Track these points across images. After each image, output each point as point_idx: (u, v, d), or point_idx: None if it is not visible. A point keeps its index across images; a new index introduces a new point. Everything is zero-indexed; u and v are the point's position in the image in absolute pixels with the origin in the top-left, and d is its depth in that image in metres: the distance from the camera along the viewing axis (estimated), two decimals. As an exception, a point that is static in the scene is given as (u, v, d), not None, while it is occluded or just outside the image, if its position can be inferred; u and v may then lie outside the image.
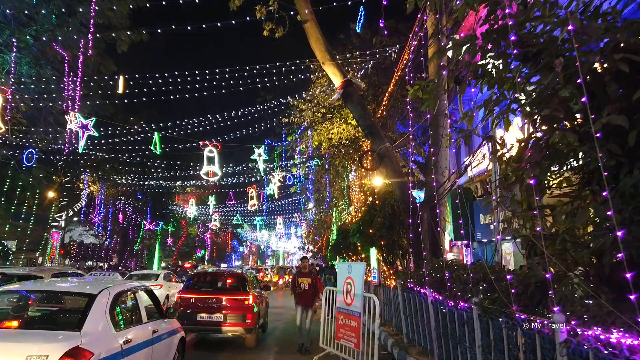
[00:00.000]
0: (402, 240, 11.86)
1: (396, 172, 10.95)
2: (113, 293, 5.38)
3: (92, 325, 4.74)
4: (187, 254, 56.80)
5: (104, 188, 30.66)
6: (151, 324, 6.17)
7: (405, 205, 10.68)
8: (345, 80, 11.23)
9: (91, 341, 4.49)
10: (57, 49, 18.74)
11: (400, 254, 12.22)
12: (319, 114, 22.52)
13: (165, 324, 6.69)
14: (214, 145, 21.55)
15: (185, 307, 10.31)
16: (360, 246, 15.86)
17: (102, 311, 4.99)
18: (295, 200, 42.28)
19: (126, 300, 5.94)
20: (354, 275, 8.10)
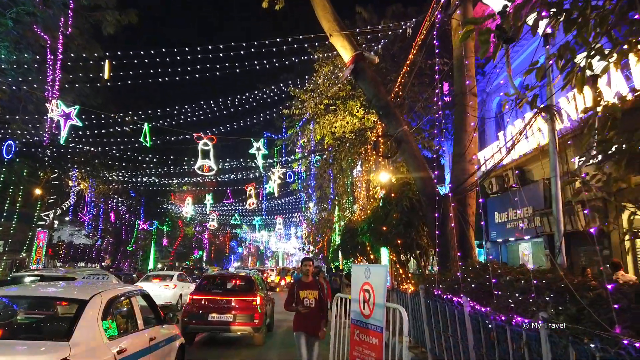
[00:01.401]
0: (422, 239, 10.32)
1: (416, 160, 9.42)
2: (106, 298, 4.94)
3: (82, 335, 4.31)
4: (184, 255, 55.18)
5: (94, 185, 29.06)
6: (148, 331, 5.71)
7: (429, 198, 9.15)
8: (357, 54, 9.71)
9: (81, 352, 4.09)
10: (38, 31, 17.21)
11: (419, 255, 10.69)
12: (322, 106, 21.03)
13: (163, 330, 6.26)
14: (209, 138, 20.10)
15: (197, 308, 10.81)
16: (370, 246, 14.33)
17: (93, 319, 4.57)
18: (295, 199, 40.74)
19: (121, 306, 5.54)
20: (374, 281, 6.59)
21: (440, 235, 8.78)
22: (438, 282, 8.15)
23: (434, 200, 9.05)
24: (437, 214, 8.36)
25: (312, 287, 7.12)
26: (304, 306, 6.90)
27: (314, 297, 7.03)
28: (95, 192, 30.21)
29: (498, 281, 5.92)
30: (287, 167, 27.55)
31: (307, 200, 37.36)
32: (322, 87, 20.44)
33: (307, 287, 7.08)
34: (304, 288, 7.06)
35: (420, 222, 9.95)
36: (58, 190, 27.51)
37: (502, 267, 7.55)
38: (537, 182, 14.86)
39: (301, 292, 7.00)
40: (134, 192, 34.99)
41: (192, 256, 56.84)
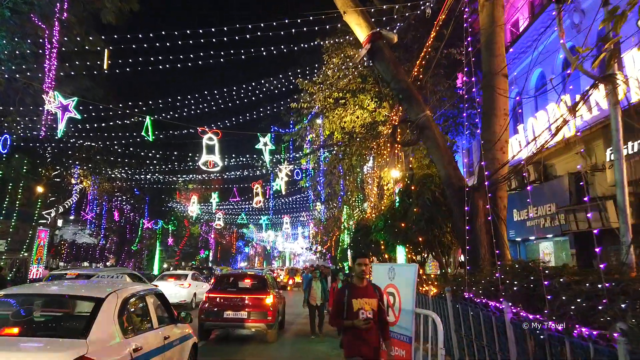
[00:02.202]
0: (446, 236, 9.39)
1: (440, 148, 8.48)
2: (122, 297, 4.95)
3: (99, 332, 4.32)
4: (190, 255, 54.43)
5: (97, 183, 28.31)
6: (162, 330, 5.72)
7: (454, 191, 8.21)
8: (373, 32, 8.80)
9: (98, 349, 4.08)
10: (36, 20, 16.43)
11: (441, 253, 9.75)
12: (331, 99, 20.13)
13: (177, 329, 6.26)
14: (214, 133, 19.25)
15: (213, 306, 11.30)
16: (384, 244, 13.39)
17: (109, 317, 4.58)
18: (303, 197, 39.86)
19: (136, 304, 5.53)
20: (399, 282, 5.70)
21: (469, 232, 7.85)
22: (468, 284, 7.23)
23: (460, 193, 8.11)
24: (467, 207, 7.42)
25: (369, 294, 5.00)
26: (362, 320, 4.80)
27: (371, 307, 4.91)
28: (98, 190, 29.48)
29: (551, 283, 4.98)
30: (294, 163, 26.68)
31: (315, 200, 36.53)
32: (331, 79, 19.53)
33: (362, 294, 4.95)
34: (359, 295, 4.93)
35: (443, 218, 9.01)
36: (59, 188, 26.80)
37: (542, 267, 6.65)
38: (561, 177, 13.91)
39: (354, 302, 4.89)
40: (138, 190, 34.25)
41: (199, 256, 56.09)
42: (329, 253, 42.16)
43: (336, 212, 25.97)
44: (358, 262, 5.17)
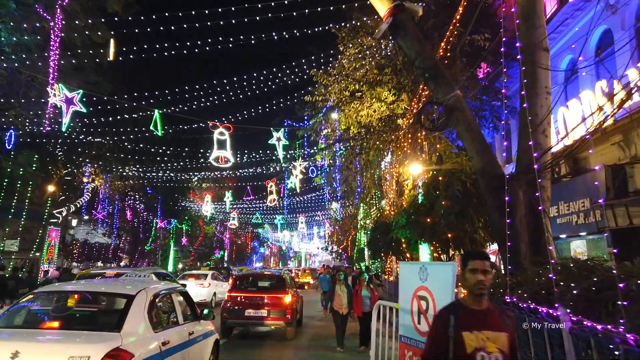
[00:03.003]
0: (478, 232, 8.40)
1: (474, 132, 7.50)
2: (151, 294, 5.28)
3: (132, 326, 4.66)
4: (205, 255, 53.90)
5: (108, 181, 27.78)
6: (187, 326, 6.04)
7: (490, 181, 7.23)
8: (395, 5, 7.85)
9: (131, 342, 4.42)
10: (40, 11, 15.83)
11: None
12: (347, 92, 19.22)
13: (200, 326, 6.57)
14: (225, 127, 18.48)
15: (235, 304, 11.78)
16: (405, 243, 12.43)
17: (140, 312, 4.91)
18: (318, 196, 38.96)
19: (163, 301, 5.85)
20: (433, 285, 4.77)
21: (511, 226, 6.85)
22: (510, 286, 6.25)
23: (497, 182, 7.13)
24: (507, 198, 6.43)
25: (495, 324, 2.87)
26: None
27: (499, 347, 2.78)
28: (110, 189, 28.96)
29: (627, 286, 4.01)
30: (309, 160, 25.79)
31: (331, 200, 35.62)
32: (347, 70, 18.59)
33: (481, 324, 2.83)
34: (475, 326, 2.82)
35: (475, 212, 8.02)
36: (70, 187, 26.32)
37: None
38: (596, 169, 12.82)
39: (468, 337, 2.78)
40: (150, 188, 33.71)
41: (213, 256, 55.52)
42: (345, 253, 41.21)
43: (352, 210, 24.96)
44: (471, 266, 2.92)
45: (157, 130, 16.54)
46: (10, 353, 4.03)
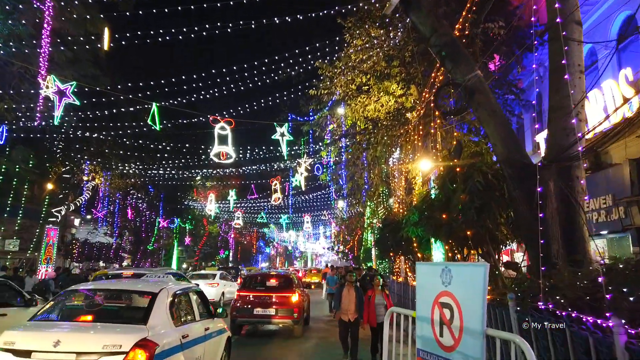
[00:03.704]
0: (500, 229, 7.56)
1: (497, 116, 6.68)
2: (171, 292, 5.88)
3: (156, 320, 5.19)
4: (210, 255, 53.19)
5: (107, 178, 27.07)
6: (203, 322, 6.53)
7: (516, 170, 6.40)
8: (408, -24, 7.06)
9: (156, 334, 4.94)
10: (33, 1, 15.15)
11: (493, 250, 7.90)
12: (354, 86, 18.40)
13: (214, 323, 6.99)
14: (226, 122, 17.76)
15: (244, 303, 12.15)
16: (417, 242, 11.60)
17: (163, 308, 5.47)
18: (324, 195, 38.12)
19: (182, 299, 6.33)
20: (459, 290, 3.94)
21: (543, 222, 6.01)
22: (543, 290, 5.42)
23: (525, 172, 6.31)
24: (540, 188, 5.60)
25: None
26: None
27: None
28: (111, 187, 28.27)
29: None
30: (314, 157, 24.99)
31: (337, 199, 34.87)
32: (353, 61, 17.75)
33: None
34: None
35: (497, 206, 7.18)
36: (70, 185, 25.65)
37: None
38: (619, 164, 11.96)
39: None
40: (152, 187, 33.00)
41: (218, 256, 54.82)
42: (351, 253, 40.39)
43: (360, 208, 24.10)
44: None
45: (155, 124, 15.88)
46: (53, 342, 4.62)
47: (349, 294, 9.09)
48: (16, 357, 4.63)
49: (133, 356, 4.59)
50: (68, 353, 4.58)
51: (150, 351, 4.68)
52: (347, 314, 9.00)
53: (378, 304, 8.67)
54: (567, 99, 6.42)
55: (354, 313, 9.00)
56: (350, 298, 9.03)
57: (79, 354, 4.59)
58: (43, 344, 4.66)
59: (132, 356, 4.58)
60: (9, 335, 4.85)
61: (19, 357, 4.63)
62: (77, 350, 4.61)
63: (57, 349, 4.59)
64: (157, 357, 4.76)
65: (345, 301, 9.07)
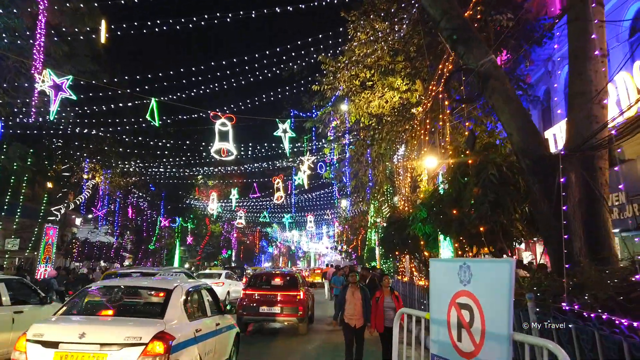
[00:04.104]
0: (515, 225, 7.11)
1: (513, 103, 6.23)
2: (185, 289, 6.27)
3: (171, 315, 5.58)
4: (212, 255, 52.76)
5: (107, 177, 26.62)
6: (214, 318, 6.96)
7: (535, 161, 5.95)
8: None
9: (172, 327, 5.34)
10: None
11: (507, 247, 7.44)
12: (357, 81, 17.98)
13: (224, 319, 7.38)
14: (227, 117, 17.37)
15: (250, 301, 12.37)
16: (424, 239, 11.14)
17: (178, 304, 5.85)
18: (327, 193, 37.65)
19: (195, 296, 6.71)
20: (480, 289, 3.51)
21: (557, 217, 5.57)
22: (567, 289, 4.98)
23: (544, 164, 5.86)
24: (563, 179, 5.15)
25: None
26: None
27: None
28: (111, 186, 27.83)
29: None
30: (317, 155, 24.53)
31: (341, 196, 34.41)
32: (357, 55, 17.29)
33: None
34: None
35: (513, 200, 6.73)
36: (69, 183, 25.22)
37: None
38: (632, 160, 11.50)
39: None
40: (153, 185, 32.57)
41: (221, 256, 54.41)
42: (354, 253, 39.90)
43: (363, 206, 23.63)
44: None
45: (153, 120, 15.52)
46: (78, 334, 4.96)
47: (354, 297, 8.17)
48: (45, 347, 5.00)
49: (152, 347, 4.97)
50: (92, 344, 4.96)
51: (168, 343, 5.07)
52: (353, 318, 8.10)
53: (387, 307, 7.85)
54: (589, 84, 5.97)
55: (360, 318, 8.07)
56: (356, 301, 8.12)
57: (103, 345, 4.95)
58: (69, 336, 5.04)
59: (151, 347, 4.96)
60: (38, 328, 5.22)
61: (48, 348, 5.00)
62: (100, 342, 4.98)
63: (83, 340, 4.96)
64: (174, 348, 5.15)
65: (349, 305, 8.13)
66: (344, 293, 8.26)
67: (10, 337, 7.40)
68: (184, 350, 5.41)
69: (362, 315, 8.04)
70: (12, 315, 7.63)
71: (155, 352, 4.94)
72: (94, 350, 4.91)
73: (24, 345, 5.08)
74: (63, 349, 4.94)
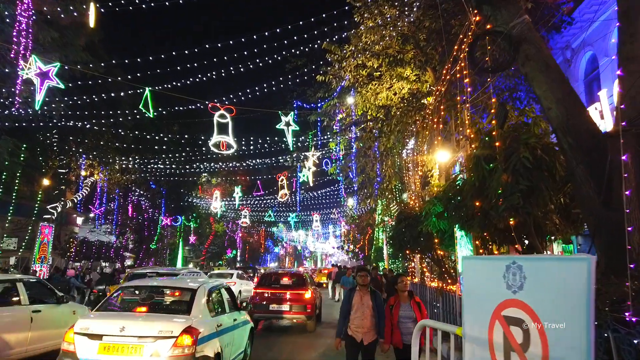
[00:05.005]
0: (551, 217, 6.07)
1: (551, 71, 5.21)
2: (207, 288, 7.05)
3: (197, 311, 6.38)
4: (217, 255, 51.91)
5: (106, 174, 25.73)
6: (232, 314, 7.77)
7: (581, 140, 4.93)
8: None
9: (197, 322, 6.11)
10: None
11: (540, 244, 6.39)
12: (364, 72, 17.01)
13: (240, 315, 8.21)
14: (227, 109, 16.45)
15: (260, 299, 12.92)
16: (438, 237, 10.10)
17: (201, 302, 6.61)
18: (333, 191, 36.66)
19: (215, 294, 7.48)
20: (538, 298, 2.51)
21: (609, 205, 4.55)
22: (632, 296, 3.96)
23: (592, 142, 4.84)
24: (624, 156, 4.13)
25: None
26: None
27: None
28: (109, 183, 26.96)
29: None
30: (323, 150, 23.57)
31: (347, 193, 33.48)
32: (364, 42, 16.26)
33: None
34: None
35: (549, 188, 5.69)
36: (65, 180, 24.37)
37: None
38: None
39: None
40: (154, 183, 31.65)
41: (225, 256, 53.55)
42: (361, 252, 38.92)
43: (371, 202, 22.60)
44: None
45: (148, 110, 14.65)
46: (119, 328, 5.69)
47: (362, 303, 6.27)
48: (90, 339, 5.74)
49: (181, 340, 5.70)
50: (131, 337, 5.67)
51: (194, 336, 5.80)
52: (359, 331, 6.18)
53: (404, 318, 6.17)
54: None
55: (369, 331, 6.18)
56: (365, 309, 6.23)
57: (140, 337, 5.67)
58: (111, 329, 5.75)
59: (181, 340, 5.70)
60: (83, 322, 5.97)
61: (93, 340, 5.73)
62: (138, 335, 5.69)
63: (123, 333, 5.68)
64: (200, 341, 5.89)
65: (357, 313, 6.24)
66: (350, 298, 6.40)
67: (28, 336, 7.66)
68: (208, 342, 6.17)
69: (372, 328, 6.17)
70: (30, 315, 7.82)
71: (184, 344, 5.69)
72: (133, 342, 5.65)
73: (72, 337, 5.81)
74: (106, 341, 5.69)
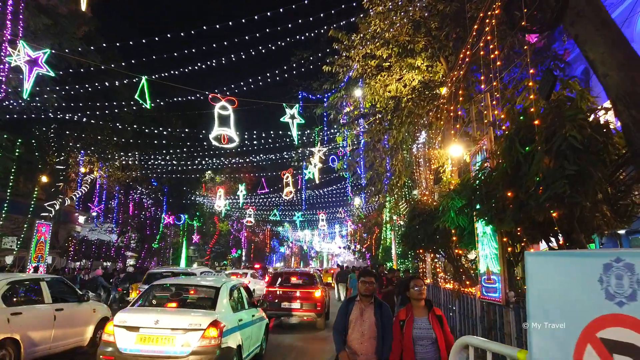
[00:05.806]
0: (601, 208, 5.15)
1: (610, 31, 4.31)
2: (229, 286, 7.93)
3: (221, 307, 7.22)
4: (221, 254, 51.16)
5: (106, 171, 24.97)
6: (250, 311, 8.58)
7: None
8: None
9: (222, 317, 6.88)
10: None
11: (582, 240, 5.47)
12: (373, 62, 16.15)
13: (257, 312, 9.11)
14: (228, 100, 15.67)
15: (273, 297, 13.66)
16: (457, 234, 9.18)
17: (225, 299, 7.47)
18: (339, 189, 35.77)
19: (236, 292, 8.33)
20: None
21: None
22: None
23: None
24: None
25: None
26: None
27: None
28: (109, 180, 26.21)
29: None
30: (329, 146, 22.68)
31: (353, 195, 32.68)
32: (373, 30, 15.36)
33: None
34: None
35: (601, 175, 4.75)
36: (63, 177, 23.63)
37: None
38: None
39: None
40: (155, 180, 30.88)
41: (230, 255, 52.80)
42: (368, 252, 38.05)
43: (380, 198, 21.71)
44: None
45: (144, 101, 13.91)
46: (154, 321, 6.52)
47: (363, 320, 4.71)
48: (128, 331, 6.44)
49: (208, 332, 6.41)
50: (165, 329, 6.40)
51: (220, 329, 6.51)
52: (358, 355, 4.64)
53: (421, 339, 4.41)
54: None
55: (370, 355, 4.62)
56: (365, 329, 4.67)
57: (173, 329, 6.40)
58: (146, 322, 6.46)
59: (208, 332, 6.41)
60: (121, 316, 6.64)
61: (130, 332, 6.44)
62: (171, 327, 6.41)
63: (157, 325, 6.41)
64: (224, 333, 6.60)
65: (355, 332, 4.69)
66: (347, 311, 4.83)
67: (52, 333, 7.96)
68: (231, 335, 6.91)
69: (374, 354, 4.60)
70: (53, 313, 8.13)
71: (211, 336, 6.42)
72: (166, 333, 6.38)
73: (112, 329, 6.51)
74: (142, 332, 6.41)
